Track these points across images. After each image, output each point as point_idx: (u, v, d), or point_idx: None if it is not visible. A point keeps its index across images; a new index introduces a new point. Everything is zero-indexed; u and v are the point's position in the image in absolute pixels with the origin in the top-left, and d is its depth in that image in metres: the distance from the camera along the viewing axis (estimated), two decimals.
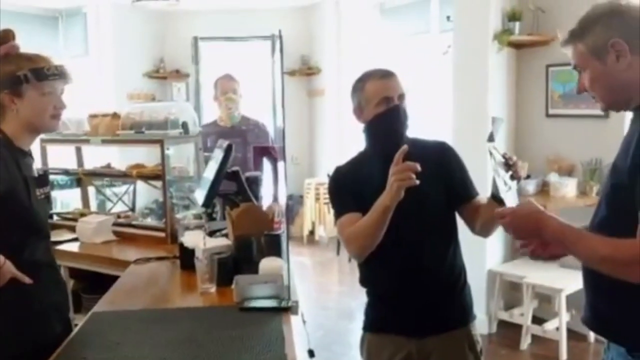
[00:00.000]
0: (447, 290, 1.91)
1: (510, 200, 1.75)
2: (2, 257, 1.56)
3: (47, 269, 1.83)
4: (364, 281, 1.98)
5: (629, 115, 1.89)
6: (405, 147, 1.67)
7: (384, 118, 1.85)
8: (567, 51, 1.57)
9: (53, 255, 1.93)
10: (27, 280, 1.61)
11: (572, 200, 3.85)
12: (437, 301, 1.88)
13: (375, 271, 1.90)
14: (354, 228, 1.80)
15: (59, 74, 1.79)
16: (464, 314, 1.95)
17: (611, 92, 1.53)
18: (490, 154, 1.75)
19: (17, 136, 1.76)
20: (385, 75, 1.89)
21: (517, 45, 4.15)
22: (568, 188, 3.86)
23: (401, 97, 1.87)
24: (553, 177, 3.94)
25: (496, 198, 1.78)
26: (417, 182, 1.64)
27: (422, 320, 1.87)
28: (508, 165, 1.73)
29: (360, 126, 1.96)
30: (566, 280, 3.79)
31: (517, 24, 4.00)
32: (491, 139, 1.76)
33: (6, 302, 1.62)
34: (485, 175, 3.85)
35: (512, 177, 1.73)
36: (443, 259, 1.90)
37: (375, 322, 1.96)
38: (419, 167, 1.64)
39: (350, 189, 1.89)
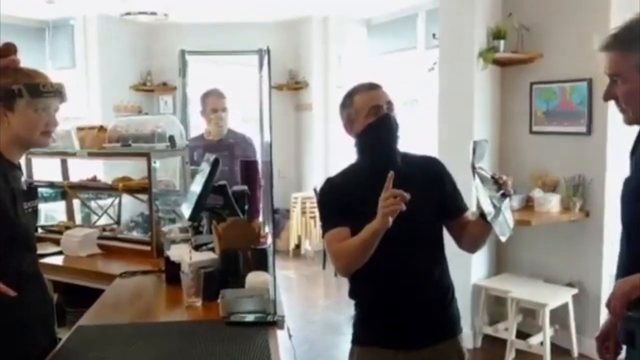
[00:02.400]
0: (436, 303, 1.91)
1: (502, 223, 1.74)
2: None
3: (33, 281, 1.81)
4: (353, 294, 1.98)
5: (611, 133, 1.89)
6: (392, 173, 1.67)
7: (375, 127, 1.86)
8: (601, 54, 1.49)
9: (39, 268, 1.91)
10: (12, 293, 1.59)
11: (555, 215, 3.90)
12: (427, 314, 1.89)
13: (366, 284, 1.90)
14: (342, 245, 1.80)
15: (54, 92, 1.78)
16: (453, 326, 1.96)
17: None
18: (478, 176, 1.75)
19: (6, 149, 1.75)
20: (372, 87, 1.92)
21: (502, 63, 4.21)
22: (552, 204, 3.91)
23: (389, 104, 1.89)
24: (537, 193, 3.98)
25: (485, 218, 1.78)
26: (404, 208, 1.63)
27: (412, 332, 1.87)
28: (498, 184, 1.74)
29: (348, 141, 1.97)
30: (550, 295, 3.82)
31: (502, 41, 4.06)
32: (477, 162, 1.78)
33: None
34: (471, 189, 3.90)
35: (504, 195, 1.75)
36: (432, 272, 1.91)
37: (364, 336, 1.95)
38: (407, 196, 1.63)
39: (340, 201, 1.88)
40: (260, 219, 3.03)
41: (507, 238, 1.81)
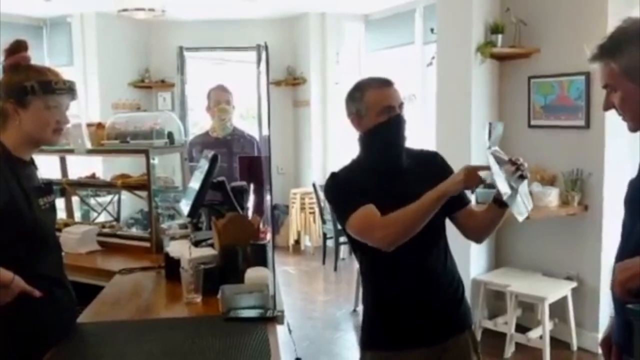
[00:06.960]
0: (452, 295, 1.92)
1: (519, 203, 1.74)
2: (11, 273, 1.54)
3: (57, 282, 1.80)
4: (370, 297, 1.93)
5: (610, 127, 1.82)
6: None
7: (386, 127, 1.83)
8: (594, 66, 1.49)
9: (63, 268, 1.89)
10: (37, 293, 1.59)
11: (554, 209, 3.91)
12: (447, 308, 1.89)
13: (386, 287, 1.88)
14: (394, 214, 1.72)
15: (66, 90, 1.77)
16: (467, 317, 1.97)
17: None
18: (495, 157, 1.73)
19: (17, 147, 1.74)
20: (386, 84, 1.87)
21: (500, 57, 4.21)
22: (550, 197, 3.91)
23: (401, 106, 1.86)
24: (536, 187, 3.98)
25: (499, 202, 1.78)
26: (472, 193, 1.63)
27: (436, 329, 1.87)
28: (515, 165, 1.72)
29: (346, 137, 1.95)
30: (549, 289, 3.83)
31: (500, 36, 4.06)
32: (492, 144, 1.77)
33: (12, 317, 1.60)
34: None
35: (522, 177, 1.73)
36: (445, 265, 1.91)
37: (385, 339, 1.90)
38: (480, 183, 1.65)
39: (353, 189, 1.83)
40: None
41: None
